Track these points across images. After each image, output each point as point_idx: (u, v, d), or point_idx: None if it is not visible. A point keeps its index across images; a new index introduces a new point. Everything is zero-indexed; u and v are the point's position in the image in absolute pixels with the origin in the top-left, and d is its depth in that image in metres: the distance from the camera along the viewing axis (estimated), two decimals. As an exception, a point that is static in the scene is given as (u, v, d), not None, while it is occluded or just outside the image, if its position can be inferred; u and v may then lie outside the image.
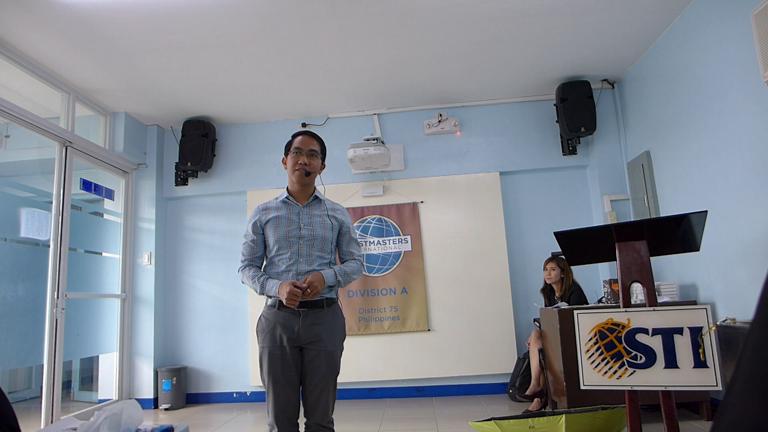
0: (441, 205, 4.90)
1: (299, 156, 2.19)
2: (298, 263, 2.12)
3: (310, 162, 2.19)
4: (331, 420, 2.11)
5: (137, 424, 1.31)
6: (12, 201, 3.75)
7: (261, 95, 4.65)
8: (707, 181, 3.40)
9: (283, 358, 2.05)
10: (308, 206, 2.22)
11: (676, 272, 3.88)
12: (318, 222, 2.19)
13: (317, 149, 2.24)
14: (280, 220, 2.17)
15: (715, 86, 3.25)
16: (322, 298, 2.11)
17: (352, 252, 2.26)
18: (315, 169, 2.21)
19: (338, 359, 2.17)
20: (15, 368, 4.59)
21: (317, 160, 2.23)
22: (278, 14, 3.37)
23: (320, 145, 2.27)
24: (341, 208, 2.32)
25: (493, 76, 4.50)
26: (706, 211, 2.20)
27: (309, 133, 2.27)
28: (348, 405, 4.47)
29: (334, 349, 2.14)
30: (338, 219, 2.26)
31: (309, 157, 2.19)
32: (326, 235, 2.18)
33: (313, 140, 2.24)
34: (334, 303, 2.19)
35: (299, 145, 2.21)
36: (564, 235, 2.37)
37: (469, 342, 4.63)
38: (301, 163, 2.18)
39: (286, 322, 2.07)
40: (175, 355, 4.99)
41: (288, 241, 2.14)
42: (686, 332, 2.09)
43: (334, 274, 2.11)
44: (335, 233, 2.24)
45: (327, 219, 2.22)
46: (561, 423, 2.68)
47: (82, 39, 3.52)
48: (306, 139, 2.23)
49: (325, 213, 2.23)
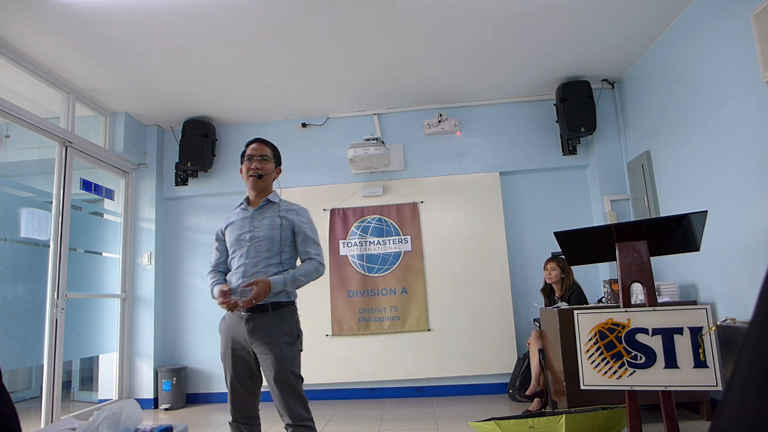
0: (441, 205, 4.90)
1: (251, 162, 2.32)
2: (245, 265, 2.23)
3: (262, 166, 2.31)
4: (305, 417, 2.15)
5: (136, 424, 1.31)
6: (12, 201, 3.75)
7: (261, 95, 4.65)
8: (707, 181, 3.40)
9: (234, 359, 2.22)
10: (260, 209, 2.33)
11: (676, 272, 3.87)
12: (267, 223, 2.28)
13: (269, 154, 2.36)
14: (234, 225, 2.33)
15: (715, 86, 3.24)
16: (267, 303, 2.17)
17: (308, 251, 2.30)
18: (267, 172, 2.33)
19: (289, 359, 2.16)
20: (15, 368, 4.59)
21: (270, 164, 2.35)
22: (278, 14, 3.37)
23: (272, 151, 2.40)
24: (297, 209, 2.37)
25: (493, 76, 4.50)
26: (706, 211, 2.21)
27: (260, 140, 2.40)
28: (348, 405, 4.47)
29: (280, 351, 2.14)
30: (290, 219, 2.31)
31: (261, 162, 2.32)
32: (273, 236, 2.26)
33: (265, 146, 2.37)
34: (282, 306, 2.21)
35: (251, 152, 2.34)
36: (564, 235, 2.37)
37: (469, 342, 4.63)
38: (253, 168, 2.30)
39: (235, 326, 2.21)
40: (175, 355, 4.99)
41: (239, 244, 2.27)
42: (686, 332, 2.09)
43: (283, 281, 2.16)
44: (285, 233, 2.29)
45: (277, 219, 2.29)
46: (561, 423, 2.68)
47: (82, 39, 3.52)
48: (257, 146, 2.36)
49: (276, 214, 2.31)
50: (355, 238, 4.88)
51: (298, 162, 5.12)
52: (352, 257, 4.86)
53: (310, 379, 4.72)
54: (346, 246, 4.88)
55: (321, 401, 4.69)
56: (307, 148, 5.14)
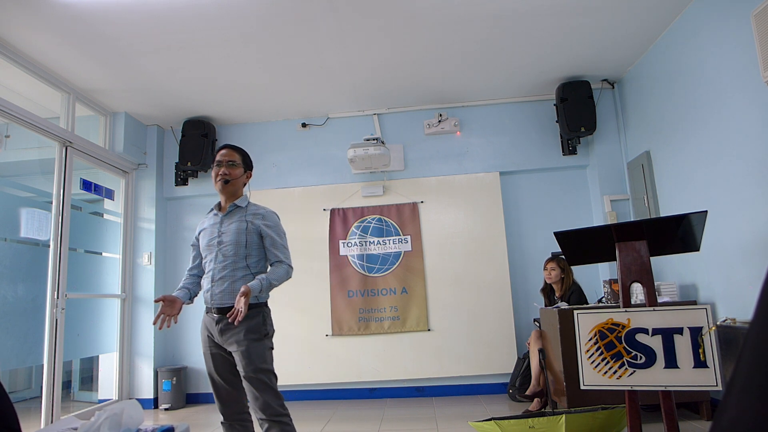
0: (441, 205, 4.90)
1: (220, 167, 2.36)
2: (214, 269, 2.32)
3: (229, 171, 2.35)
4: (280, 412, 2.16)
5: (138, 424, 1.31)
6: (12, 201, 3.75)
7: (261, 95, 4.65)
8: (707, 181, 3.40)
9: (212, 357, 2.32)
10: (228, 214, 2.38)
11: (676, 272, 3.88)
12: (234, 228, 2.33)
13: (237, 160, 2.39)
14: (206, 231, 2.40)
15: (715, 86, 3.25)
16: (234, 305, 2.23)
17: (277, 255, 2.33)
18: (235, 177, 2.36)
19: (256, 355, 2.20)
20: (15, 368, 4.59)
21: (237, 170, 2.38)
22: (278, 14, 3.37)
23: (242, 157, 2.43)
24: (264, 213, 2.39)
25: (493, 76, 4.50)
26: (706, 211, 2.21)
27: (228, 146, 2.43)
28: (348, 405, 4.47)
29: (246, 347, 2.20)
30: (255, 223, 2.34)
31: (228, 167, 2.35)
32: (239, 240, 2.30)
33: (234, 152, 2.40)
34: (251, 308, 2.24)
35: (220, 158, 2.38)
36: (564, 235, 2.37)
37: (469, 342, 4.63)
38: (221, 174, 2.34)
39: (209, 326, 2.33)
40: (175, 355, 4.99)
41: (209, 249, 2.35)
42: (686, 332, 2.10)
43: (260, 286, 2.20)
44: (251, 237, 2.32)
45: (243, 224, 2.33)
46: (561, 423, 2.68)
47: (82, 39, 3.52)
48: (226, 152, 2.39)
49: (243, 218, 2.35)
50: (355, 238, 4.88)
51: (298, 162, 5.12)
52: (352, 257, 4.86)
53: (310, 379, 4.72)
54: (346, 246, 4.88)
55: (321, 401, 4.69)
56: (307, 148, 5.14)
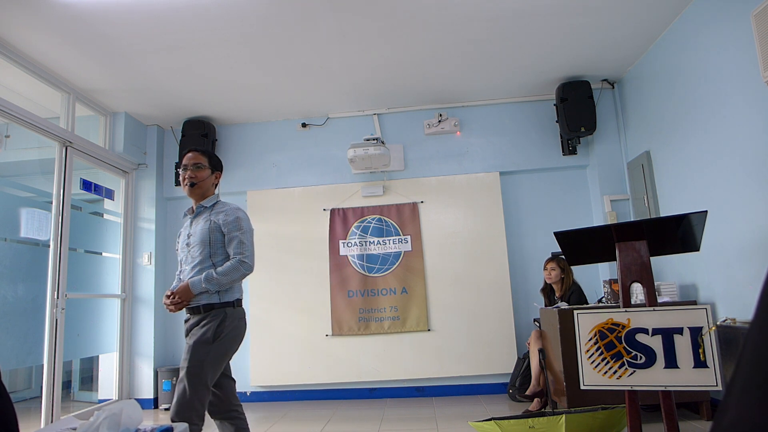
0: (441, 205, 4.90)
1: (185, 171, 2.40)
2: (183, 270, 2.38)
3: (195, 174, 2.38)
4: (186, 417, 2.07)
5: (137, 424, 1.31)
6: (12, 201, 3.75)
7: (261, 95, 4.65)
8: (707, 181, 3.40)
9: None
10: (196, 216, 2.43)
11: (676, 272, 3.87)
12: (200, 229, 2.35)
13: (203, 162, 2.42)
14: (181, 234, 2.47)
15: (715, 86, 3.24)
16: (199, 305, 2.27)
17: (233, 251, 2.32)
18: (201, 179, 2.39)
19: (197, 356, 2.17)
20: (15, 368, 4.59)
21: (203, 172, 2.41)
22: (278, 14, 3.37)
23: (208, 158, 2.46)
24: (227, 210, 2.39)
25: (493, 76, 4.50)
26: (706, 211, 2.21)
27: (194, 149, 2.48)
28: (348, 405, 4.47)
29: (193, 344, 2.19)
30: (217, 221, 2.34)
31: (194, 170, 2.39)
32: (204, 240, 2.32)
33: (198, 154, 2.44)
34: (215, 308, 2.25)
35: (185, 161, 2.42)
36: (564, 235, 2.37)
37: (469, 342, 4.63)
38: (187, 177, 2.38)
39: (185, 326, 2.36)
40: (175, 355, 4.99)
41: (182, 251, 2.42)
42: (686, 332, 2.09)
43: (200, 281, 2.23)
44: (215, 235, 2.33)
45: (208, 223, 2.34)
46: (561, 423, 2.68)
47: (82, 39, 3.52)
48: (191, 155, 2.43)
49: (208, 218, 2.36)
50: (355, 238, 4.88)
51: (298, 162, 5.12)
52: (352, 257, 4.86)
53: (310, 379, 4.72)
54: (346, 246, 4.88)
55: (321, 401, 4.69)
56: (307, 148, 5.14)
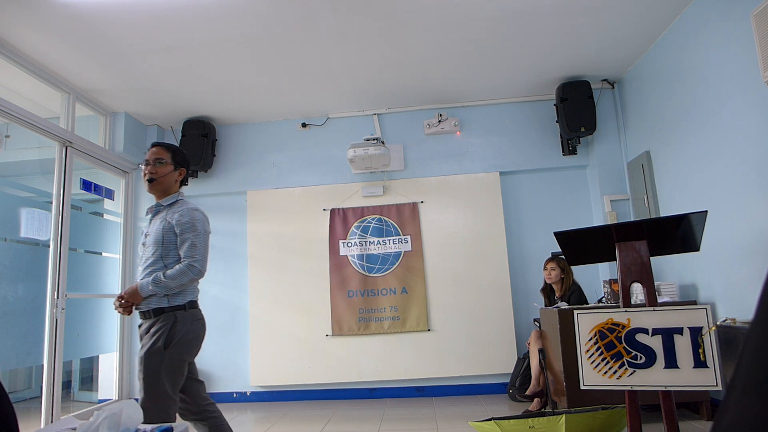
0: (441, 205, 4.90)
1: (146, 167, 2.34)
2: (139, 271, 2.31)
3: (156, 170, 2.32)
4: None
5: (136, 424, 1.31)
6: (12, 201, 3.75)
7: (261, 95, 4.65)
8: (707, 181, 3.40)
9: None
10: (155, 214, 2.37)
11: (676, 272, 3.87)
12: (155, 228, 2.30)
13: (165, 158, 2.35)
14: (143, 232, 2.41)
15: (715, 86, 3.24)
16: (149, 309, 2.22)
17: (184, 254, 2.25)
18: (160, 175, 2.33)
19: (152, 367, 2.11)
20: (15, 368, 4.59)
21: (165, 168, 2.34)
22: (278, 14, 3.37)
23: (171, 154, 2.38)
24: (183, 210, 2.30)
25: (493, 76, 4.50)
26: (706, 211, 2.21)
27: (157, 143, 2.40)
28: (348, 405, 4.47)
29: (145, 355, 2.13)
30: (171, 221, 2.27)
31: (154, 166, 2.32)
32: (158, 240, 2.26)
33: (161, 149, 2.37)
34: (165, 312, 2.20)
35: (147, 156, 2.36)
36: (564, 235, 2.37)
37: (469, 342, 4.63)
38: (147, 172, 2.33)
39: (140, 330, 2.29)
40: (175, 355, 4.98)
41: (140, 249, 2.37)
42: (686, 332, 2.09)
43: (147, 283, 2.19)
44: (168, 236, 2.27)
45: (163, 222, 2.28)
46: (561, 423, 2.68)
47: (82, 39, 3.52)
48: (154, 150, 2.36)
49: (164, 217, 2.30)
50: (355, 238, 4.88)
51: (298, 162, 5.12)
52: (352, 257, 4.86)
53: (310, 379, 4.72)
54: (346, 246, 4.88)
55: (321, 401, 4.69)
56: (307, 148, 5.14)
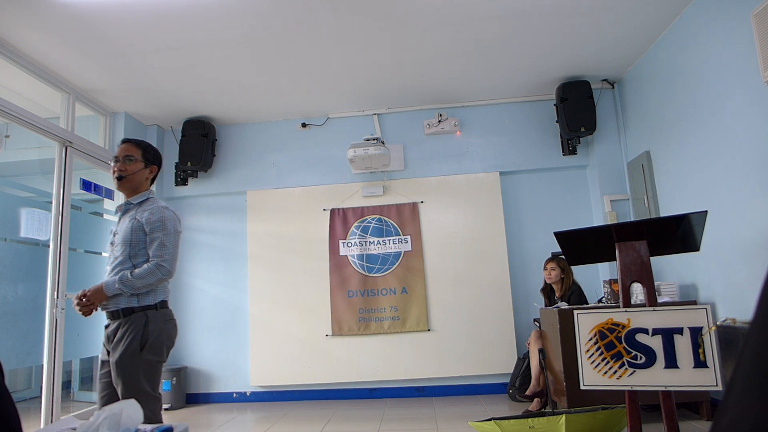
0: (441, 205, 4.90)
1: (115, 164, 2.29)
2: (107, 271, 2.25)
3: (125, 168, 2.27)
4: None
5: (137, 424, 1.31)
6: (12, 201, 3.75)
7: (261, 95, 4.65)
8: (707, 181, 3.40)
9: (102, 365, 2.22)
10: (124, 212, 2.33)
11: (676, 272, 3.87)
12: (124, 227, 2.26)
13: (135, 155, 2.31)
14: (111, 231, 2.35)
15: (715, 86, 3.24)
16: (118, 309, 2.16)
17: (153, 253, 2.22)
18: (129, 173, 2.28)
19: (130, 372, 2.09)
20: (15, 368, 4.59)
21: (134, 165, 2.30)
22: (278, 14, 3.37)
23: (142, 151, 2.34)
24: (153, 209, 2.28)
25: (493, 76, 4.50)
26: (706, 211, 2.21)
27: (127, 140, 2.35)
28: (348, 405, 4.47)
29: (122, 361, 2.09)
30: (140, 220, 2.25)
31: (123, 163, 2.28)
32: (126, 239, 2.23)
33: (131, 146, 2.32)
34: (135, 312, 2.16)
35: (117, 153, 2.31)
36: (564, 235, 2.37)
37: (469, 342, 4.63)
38: (116, 170, 2.28)
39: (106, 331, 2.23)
40: (175, 355, 4.99)
41: (109, 249, 2.31)
42: (686, 332, 2.09)
43: (113, 282, 2.14)
44: (137, 235, 2.24)
45: (132, 221, 2.25)
46: (561, 423, 2.68)
47: (83, 39, 3.52)
48: (124, 147, 2.31)
49: (134, 216, 2.27)
50: (355, 238, 4.88)
51: (298, 162, 5.12)
52: (352, 257, 4.86)
53: (310, 379, 4.72)
54: (346, 246, 4.88)
55: (321, 401, 4.69)
56: (307, 148, 5.14)
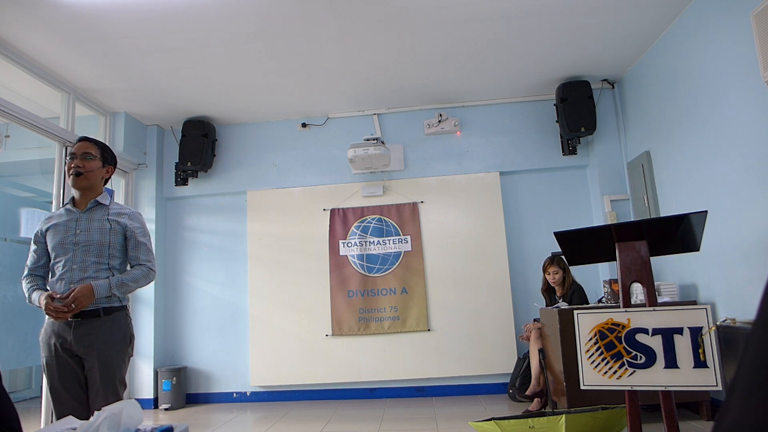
0: (441, 205, 4.90)
1: (72, 160, 2.22)
2: (72, 271, 2.13)
3: (83, 164, 2.21)
4: None
5: (137, 424, 1.31)
6: (12, 201, 3.75)
7: (261, 95, 4.65)
8: (707, 181, 3.40)
9: (60, 369, 2.09)
10: (88, 211, 2.24)
11: (676, 272, 3.87)
12: (96, 227, 2.20)
13: (94, 153, 2.26)
14: (58, 228, 2.20)
15: (715, 86, 3.24)
16: (98, 308, 2.12)
17: (138, 257, 2.24)
18: (89, 170, 2.22)
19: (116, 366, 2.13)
20: (15, 368, 4.59)
21: (93, 163, 2.24)
22: (278, 14, 3.37)
23: (100, 150, 2.29)
24: (130, 212, 2.30)
25: (493, 76, 4.50)
26: (706, 211, 2.20)
27: (84, 138, 2.30)
28: (348, 405, 4.47)
29: (109, 358, 2.11)
30: (121, 223, 2.24)
31: (82, 160, 2.22)
32: (104, 240, 2.18)
33: (90, 144, 2.27)
34: (114, 311, 2.17)
35: (74, 150, 2.24)
36: (564, 235, 2.37)
37: (469, 342, 4.63)
38: (73, 166, 2.20)
39: (59, 332, 2.10)
40: (175, 355, 4.99)
41: (63, 248, 2.16)
42: (686, 332, 2.09)
43: (108, 286, 2.11)
44: (116, 237, 2.22)
45: (107, 223, 2.21)
46: (561, 423, 2.68)
47: (82, 39, 3.52)
48: (81, 144, 2.26)
49: (105, 217, 2.23)
50: (355, 238, 4.88)
51: (298, 162, 5.12)
52: (352, 257, 4.86)
53: (310, 379, 4.72)
54: (346, 246, 4.88)
55: (321, 401, 4.69)
56: (307, 148, 5.14)
